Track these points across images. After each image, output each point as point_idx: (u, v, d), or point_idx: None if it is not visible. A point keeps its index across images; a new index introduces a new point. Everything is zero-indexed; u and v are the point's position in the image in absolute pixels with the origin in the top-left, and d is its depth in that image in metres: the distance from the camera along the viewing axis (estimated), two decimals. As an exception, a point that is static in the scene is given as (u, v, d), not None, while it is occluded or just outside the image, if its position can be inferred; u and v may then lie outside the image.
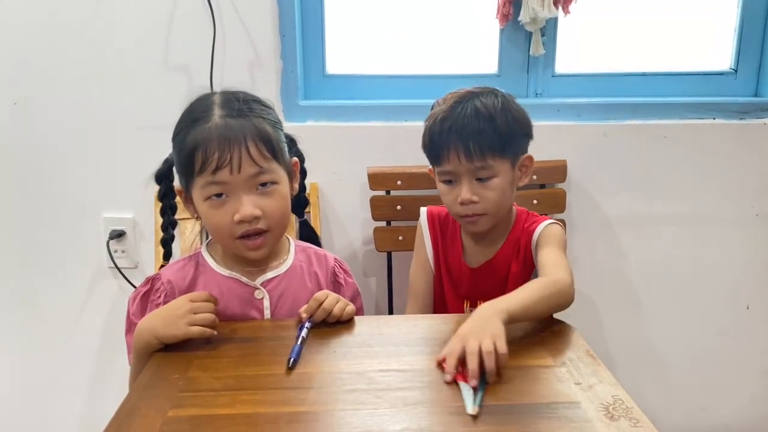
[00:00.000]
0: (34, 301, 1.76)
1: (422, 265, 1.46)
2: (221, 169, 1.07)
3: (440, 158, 1.29)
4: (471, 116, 1.26)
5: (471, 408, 0.88)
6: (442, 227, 1.45)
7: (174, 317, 1.05)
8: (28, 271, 1.74)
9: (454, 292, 1.43)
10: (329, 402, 0.91)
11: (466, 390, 0.92)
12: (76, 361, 1.79)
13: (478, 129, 1.25)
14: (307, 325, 1.09)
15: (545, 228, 1.34)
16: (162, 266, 1.29)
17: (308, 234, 1.43)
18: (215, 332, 1.06)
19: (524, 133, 1.32)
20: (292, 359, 0.99)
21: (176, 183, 1.21)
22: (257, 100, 1.16)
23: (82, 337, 1.77)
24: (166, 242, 1.27)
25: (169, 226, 1.26)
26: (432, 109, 1.35)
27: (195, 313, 1.05)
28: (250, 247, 1.14)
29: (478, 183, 1.29)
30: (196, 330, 1.04)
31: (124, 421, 0.86)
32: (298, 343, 1.04)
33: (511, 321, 1.04)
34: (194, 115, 1.12)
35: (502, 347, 0.97)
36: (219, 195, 1.10)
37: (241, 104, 1.12)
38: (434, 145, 1.30)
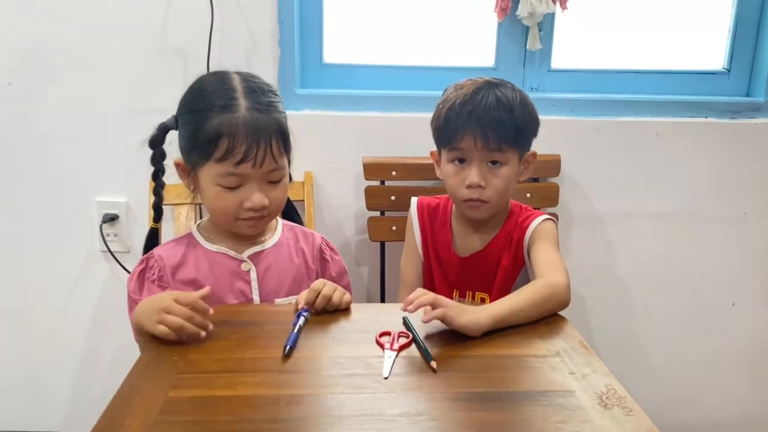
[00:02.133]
0: (27, 284, 1.75)
1: (412, 254, 1.48)
2: (245, 163, 1.10)
3: (454, 140, 1.30)
4: (492, 105, 1.28)
5: (387, 372, 0.95)
6: (431, 216, 1.47)
7: (151, 310, 1.03)
8: (20, 254, 1.73)
9: (443, 279, 1.45)
10: (328, 385, 0.92)
11: (388, 356, 0.99)
12: (66, 343, 1.79)
13: (498, 118, 1.27)
14: (304, 313, 1.10)
15: (539, 224, 1.36)
16: (152, 229, 1.33)
17: (288, 209, 1.41)
18: (183, 338, 1.01)
19: (534, 129, 1.35)
20: (288, 346, 1.00)
21: (168, 149, 1.23)
22: (273, 91, 1.19)
23: (74, 319, 1.77)
24: (157, 206, 1.29)
25: (159, 189, 1.28)
26: (444, 93, 1.36)
27: (168, 313, 1.01)
28: (250, 225, 1.19)
29: (488, 168, 1.31)
30: (160, 329, 1.00)
31: (126, 399, 0.87)
32: (295, 331, 1.05)
33: (496, 326, 1.08)
34: (216, 99, 1.13)
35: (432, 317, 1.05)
36: (234, 185, 1.13)
37: (264, 97, 1.14)
38: (450, 127, 1.30)
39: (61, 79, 1.62)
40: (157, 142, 1.22)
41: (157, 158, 1.23)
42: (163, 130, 1.22)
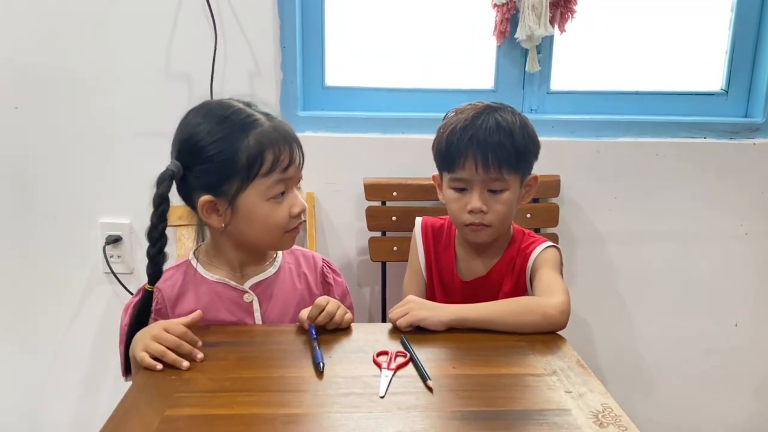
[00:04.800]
0: (30, 305, 1.76)
1: (415, 274, 1.49)
2: (291, 166, 1.14)
3: (455, 165, 1.31)
4: (492, 129, 1.29)
5: (383, 391, 0.96)
6: (435, 238, 1.47)
7: (141, 337, 1.04)
8: (24, 275, 1.74)
9: (446, 302, 1.44)
10: (325, 405, 0.92)
11: (385, 375, 1.00)
12: (69, 364, 1.79)
13: (498, 142, 1.28)
14: (312, 330, 1.11)
15: (541, 252, 1.36)
16: (147, 292, 1.18)
17: None
18: (161, 366, 1.00)
19: (535, 152, 1.36)
20: (321, 363, 1.01)
21: (176, 195, 1.17)
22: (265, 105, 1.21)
23: (76, 341, 1.78)
24: (159, 267, 1.13)
25: (163, 246, 1.12)
26: (445, 118, 1.37)
27: (156, 341, 1.02)
28: (293, 236, 1.20)
29: (490, 194, 1.31)
30: (141, 356, 1.01)
31: (122, 418, 0.87)
32: (317, 347, 1.05)
33: (458, 324, 1.16)
34: (235, 121, 1.12)
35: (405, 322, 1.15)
36: (282, 192, 1.15)
37: (267, 108, 1.18)
38: (451, 152, 1.31)
39: (66, 102, 1.64)
40: (167, 194, 1.10)
41: (165, 213, 1.10)
42: (171, 179, 1.11)
